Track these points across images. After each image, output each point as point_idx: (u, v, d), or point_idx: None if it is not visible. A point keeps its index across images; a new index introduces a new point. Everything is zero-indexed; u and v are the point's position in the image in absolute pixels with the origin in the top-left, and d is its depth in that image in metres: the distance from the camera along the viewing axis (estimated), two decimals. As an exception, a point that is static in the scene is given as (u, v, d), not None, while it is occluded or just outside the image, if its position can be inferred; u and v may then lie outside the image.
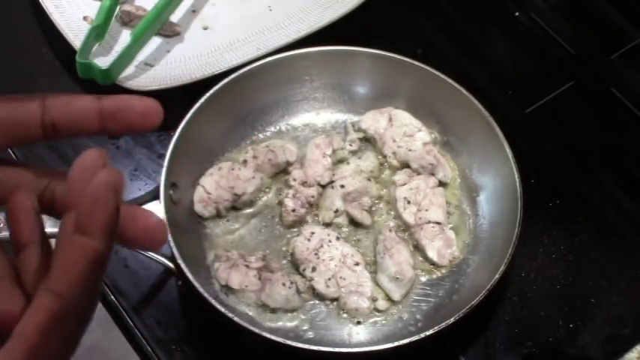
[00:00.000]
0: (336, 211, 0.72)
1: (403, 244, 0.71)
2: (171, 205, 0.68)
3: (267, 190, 0.74)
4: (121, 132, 0.39)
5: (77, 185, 0.34)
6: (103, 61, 0.77)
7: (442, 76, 0.76)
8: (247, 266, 0.67)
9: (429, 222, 0.71)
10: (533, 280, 0.73)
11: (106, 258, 0.34)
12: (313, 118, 0.80)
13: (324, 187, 0.74)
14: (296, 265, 0.70)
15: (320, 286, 0.68)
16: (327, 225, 0.73)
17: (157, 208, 0.67)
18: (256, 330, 0.61)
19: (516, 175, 0.70)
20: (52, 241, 0.68)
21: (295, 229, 0.72)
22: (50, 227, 0.63)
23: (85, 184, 0.33)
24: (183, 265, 0.64)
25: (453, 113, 0.77)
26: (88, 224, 0.33)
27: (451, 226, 0.73)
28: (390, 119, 0.78)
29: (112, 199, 0.33)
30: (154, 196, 0.68)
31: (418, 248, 0.71)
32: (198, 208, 0.71)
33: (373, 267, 0.70)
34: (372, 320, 0.68)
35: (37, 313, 0.32)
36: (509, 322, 0.70)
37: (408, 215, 0.72)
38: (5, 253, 0.36)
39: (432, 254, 0.70)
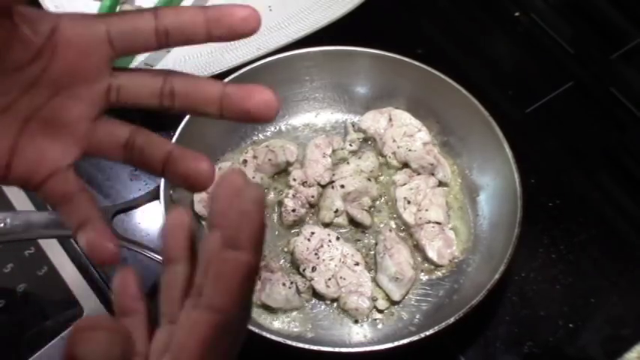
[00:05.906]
0: (336, 211, 0.72)
1: (403, 244, 0.71)
2: (171, 205, 0.68)
3: (267, 190, 0.75)
4: (225, 37, 0.41)
5: (222, 205, 0.34)
6: (103, 61, 0.77)
7: (442, 76, 0.76)
8: (247, 266, 0.67)
9: (429, 222, 0.71)
10: (533, 280, 0.73)
11: (257, 270, 0.34)
12: (313, 118, 0.80)
13: (324, 187, 0.74)
14: (296, 265, 0.70)
15: (320, 286, 0.68)
16: (327, 225, 0.73)
17: (156, 209, 0.67)
18: (256, 330, 0.61)
19: (516, 175, 0.70)
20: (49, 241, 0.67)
21: (295, 229, 0.72)
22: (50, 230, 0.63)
23: (230, 203, 0.33)
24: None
25: (453, 113, 0.77)
26: (239, 239, 0.33)
27: (451, 226, 0.73)
28: (390, 119, 0.78)
29: (258, 213, 0.33)
30: (154, 196, 0.68)
31: (418, 248, 0.71)
32: (198, 208, 0.71)
33: (373, 267, 0.70)
34: (372, 320, 0.68)
35: (199, 329, 0.32)
36: (509, 322, 0.70)
37: (408, 215, 0.72)
38: None
39: (432, 254, 0.70)
